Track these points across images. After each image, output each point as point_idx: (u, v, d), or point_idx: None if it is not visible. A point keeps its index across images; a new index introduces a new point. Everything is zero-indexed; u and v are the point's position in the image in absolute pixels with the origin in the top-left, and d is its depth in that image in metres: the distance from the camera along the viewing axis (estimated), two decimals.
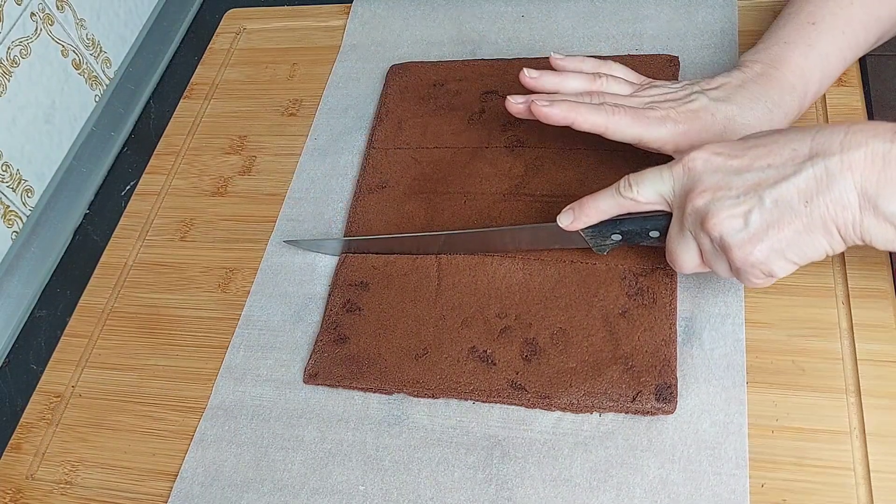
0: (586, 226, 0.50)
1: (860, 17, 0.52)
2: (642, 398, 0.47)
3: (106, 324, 0.60)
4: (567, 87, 0.54)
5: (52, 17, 0.68)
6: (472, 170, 0.60)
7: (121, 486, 0.52)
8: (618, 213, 0.49)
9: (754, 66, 0.53)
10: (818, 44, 0.52)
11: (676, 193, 0.46)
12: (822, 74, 0.53)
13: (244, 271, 0.60)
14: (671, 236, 0.47)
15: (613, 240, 0.51)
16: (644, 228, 0.49)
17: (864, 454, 0.45)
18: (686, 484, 0.45)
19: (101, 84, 0.74)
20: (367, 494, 0.48)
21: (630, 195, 0.47)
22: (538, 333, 0.51)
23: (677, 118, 0.51)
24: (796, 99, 0.52)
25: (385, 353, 0.52)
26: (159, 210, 0.66)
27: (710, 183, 0.44)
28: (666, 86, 0.54)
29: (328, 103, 0.69)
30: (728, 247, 0.43)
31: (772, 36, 0.54)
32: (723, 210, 0.43)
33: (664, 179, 0.46)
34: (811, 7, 0.53)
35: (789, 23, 0.53)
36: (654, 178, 0.47)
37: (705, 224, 0.44)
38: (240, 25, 0.78)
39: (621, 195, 0.48)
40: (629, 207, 0.48)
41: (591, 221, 0.50)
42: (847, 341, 0.49)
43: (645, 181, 0.47)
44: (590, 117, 0.51)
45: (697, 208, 0.44)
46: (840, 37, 0.52)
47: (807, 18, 0.53)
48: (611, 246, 0.51)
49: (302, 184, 0.64)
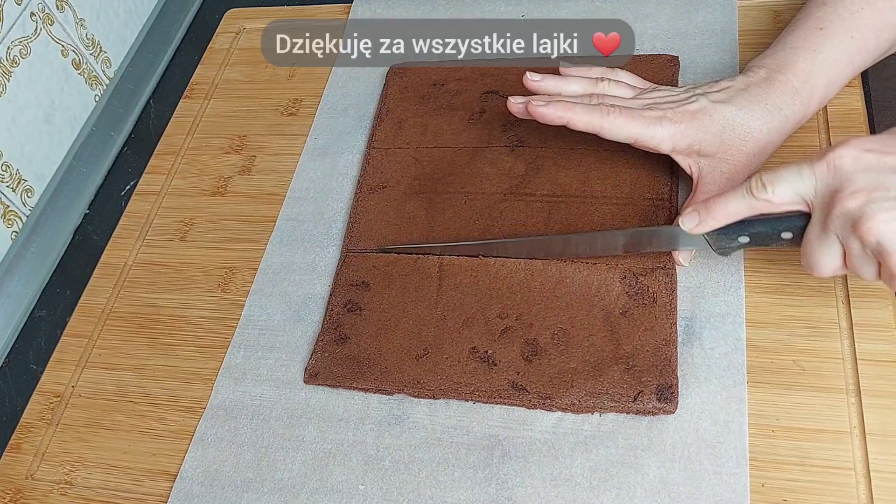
0: (713, 228, 0.48)
1: (870, 22, 0.52)
2: (643, 398, 0.47)
3: (106, 324, 0.60)
4: (568, 90, 0.54)
5: (52, 17, 0.68)
6: (472, 170, 0.60)
7: (121, 486, 0.52)
8: (748, 215, 0.46)
9: (760, 70, 0.52)
10: (825, 49, 0.52)
11: (819, 193, 0.44)
12: (829, 80, 0.52)
13: (244, 271, 0.60)
14: (810, 239, 0.45)
15: (740, 242, 0.48)
16: (776, 230, 0.46)
17: (864, 454, 0.45)
18: (686, 483, 0.45)
19: (101, 84, 0.74)
20: (367, 494, 0.48)
21: (764, 196, 0.45)
22: (539, 333, 0.51)
23: (674, 118, 0.51)
24: (799, 104, 0.51)
25: (386, 354, 0.52)
26: (159, 210, 0.66)
27: (862, 183, 0.41)
28: (669, 90, 0.54)
29: (328, 103, 0.69)
30: (887, 252, 0.40)
31: (780, 41, 0.54)
32: (880, 213, 0.40)
33: (804, 178, 0.44)
34: (820, 13, 0.53)
35: (798, 28, 0.53)
36: (792, 177, 0.44)
37: (859, 228, 0.41)
38: (240, 25, 0.78)
39: (754, 196, 0.45)
40: (762, 209, 0.46)
41: (719, 224, 0.47)
42: (847, 341, 0.49)
43: (781, 180, 0.45)
44: (584, 117, 0.51)
45: (849, 210, 0.41)
46: (848, 42, 0.52)
47: (815, 24, 0.52)
48: (735, 249, 0.49)
49: (302, 184, 0.64)
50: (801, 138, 0.56)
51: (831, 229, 0.43)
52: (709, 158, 0.52)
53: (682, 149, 0.52)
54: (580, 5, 0.69)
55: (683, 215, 0.48)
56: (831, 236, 0.43)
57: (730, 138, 0.51)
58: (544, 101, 0.51)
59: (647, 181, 0.56)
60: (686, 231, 0.48)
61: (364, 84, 0.69)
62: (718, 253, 0.50)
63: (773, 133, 0.51)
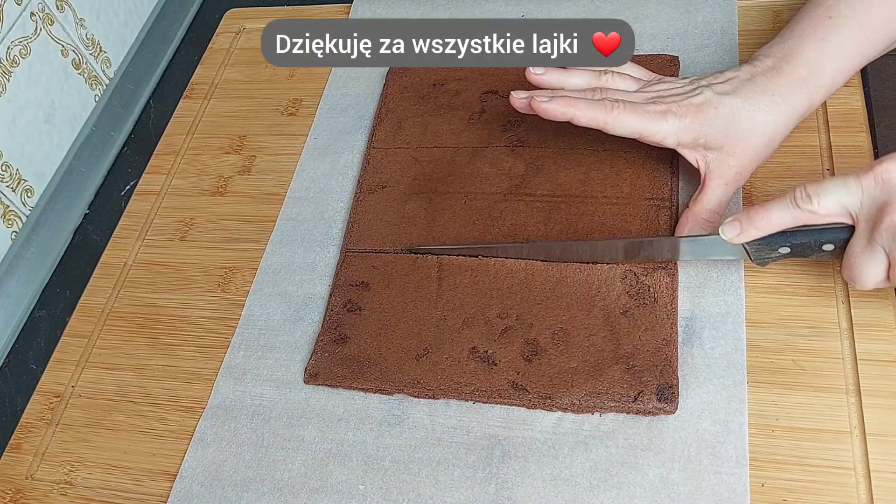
0: (754, 238, 0.47)
1: (882, 12, 0.51)
2: (644, 398, 0.47)
3: (106, 324, 0.60)
4: (571, 84, 0.54)
5: (52, 17, 0.68)
6: (472, 170, 0.60)
7: (121, 486, 0.52)
8: (791, 226, 0.46)
9: (766, 60, 0.52)
10: (833, 37, 0.51)
11: (865, 206, 0.44)
12: (836, 69, 0.51)
13: (244, 271, 0.60)
14: (854, 251, 0.45)
15: (781, 253, 0.48)
16: (818, 241, 0.46)
17: (864, 454, 0.45)
18: (686, 483, 0.45)
19: (101, 84, 0.74)
20: (367, 494, 0.48)
21: (809, 207, 0.45)
22: (539, 333, 0.51)
23: (678, 112, 0.50)
24: (805, 93, 0.51)
25: (386, 354, 0.52)
26: (159, 210, 0.66)
27: None
28: (674, 81, 0.54)
29: (328, 103, 0.69)
30: None
31: (787, 29, 0.53)
32: None
33: (850, 190, 0.44)
34: (830, 1, 0.52)
35: (807, 16, 0.53)
36: (838, 189, 0.44)
37: None
38: (240, 25, 0.78)
39: (798, 206, 0.45)
40: (806, 220, 0.46)
41: (760, 234, 0.47)
42: (847, 341, 0.49)
43: (827, 192, 0.44)
44: (588, 112, 0.50)
45: None
46: (857, 31, 0.51)
47: (824, 12, 0.52)
48: (775, 259, 0.49)
49: (302, 183, 0.64)
50: (802, 138, 0.56)
51: (878, 242, 0.43)
52: (715, 152, 0.51)
53: (688, 143, 0.51)
54: (580, 5, 0.70)
55: (725, 225, 0.48)
56: (877, 249, 0.43)
57: (736, 131, 0.50)
58: (548, 97, 0.51)
59: (648, 181, 0.56)
60: (726, 240, 0.48)
61: (364, 84, 0.69)
62: (757, 263, 0.49)
63: (779, 124, 0.51)
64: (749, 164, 0.52)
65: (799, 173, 0.55)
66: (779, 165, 0.54)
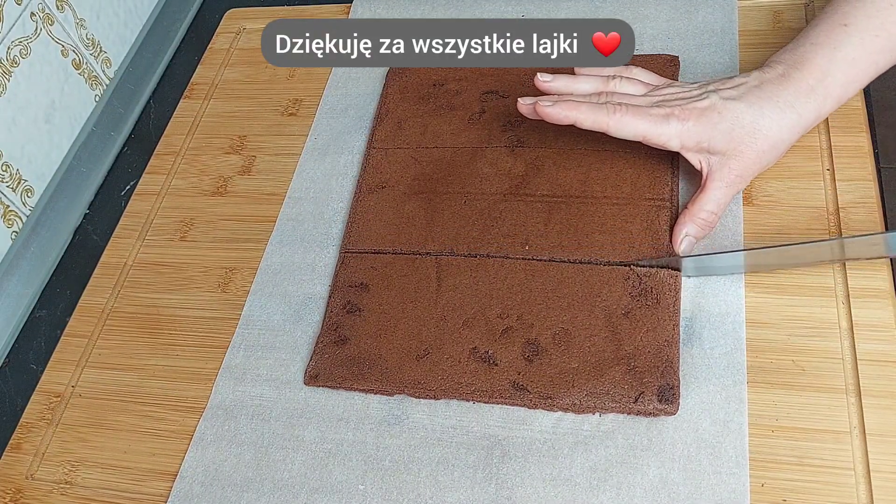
0: None
1: None
2: (644, 399, 0.47)
3: (106, 324, 0.60)
4: (579, 90, 0.54)
5: (52, 17, 0.68)
6: (472, 170, 0.60)
7: (121, 486, 0.52)
8: None
9: (777, 66, 0.52)
10: (845, 46, 0.50)
11: None
12: (847, 79, 0.51)
13: (244, 271, 0.60)
14: None
15: None
16: None
17: (864, 454, 0.45)
18: (686, 483, 0.45)
19: (101, 84, 0.74)
20: (367, 494, 0.48)
21: None
22: (540, 334, 0.51)
23: (682, 115, 0.51)
24: (813, 102, 0.51)
25: (386, 355, 0.52)
26: (159, 210, 0.66)
27: None
28: (682, 86, 0.54)
29: (328, 103, 0.69)
30: None
31: (803, 35, 0.53)
32: None
33: None
34: (847, 7, 0.51)
35: (822, 23, 0.52)
36: None
37: None
38: (240, 25, 0.78)
39: None
40: None
41: None
42: (847, 341, 0.49)
43: None
44: (591, 115, 0.51)
45: None
46: (872, 40, 0.50)
47: (840, 19, 0.51)
48: None
49: (302, 184, 0.64)
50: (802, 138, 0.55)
51: None
52: (718, 155, 0.52)
53: (691, 146, 0.51)
54: (580, 5, 0.70)
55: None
56: None
57: (739, 135, 0.50)
58: (552, 101, 0.51)
59: (648, 181, 0.56)
60: None
61: (364, 84, 0.69)
62: None
63: (784, 130, 0.51)
64: (751, 168, 0.52)
65: (799, 173, 0.55)
66: (779, 165, 0.54)
